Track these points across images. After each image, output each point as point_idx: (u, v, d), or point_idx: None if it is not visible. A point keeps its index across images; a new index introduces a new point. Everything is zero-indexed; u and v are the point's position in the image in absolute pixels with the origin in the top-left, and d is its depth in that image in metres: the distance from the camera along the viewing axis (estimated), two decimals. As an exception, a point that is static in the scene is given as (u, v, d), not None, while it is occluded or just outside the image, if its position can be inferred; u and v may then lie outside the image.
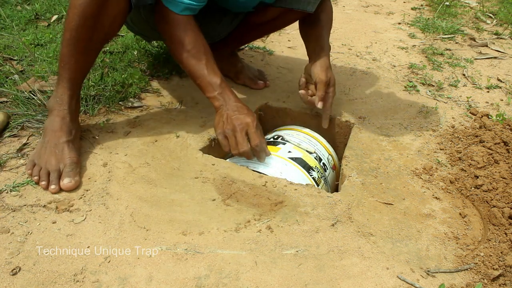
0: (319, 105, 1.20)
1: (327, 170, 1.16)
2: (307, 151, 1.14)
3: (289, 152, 1.12)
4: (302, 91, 1.24)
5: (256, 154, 1.05)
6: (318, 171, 1.11)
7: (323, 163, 1.16)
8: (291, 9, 1.28)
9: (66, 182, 0.95)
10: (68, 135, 1.01)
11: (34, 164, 0.98)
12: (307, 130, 1.24)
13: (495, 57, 1.84)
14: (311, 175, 1.08)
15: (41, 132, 1.12)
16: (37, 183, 0.96)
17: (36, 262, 0.79)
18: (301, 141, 1.18)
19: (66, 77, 1.01)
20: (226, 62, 1.49)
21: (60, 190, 0.95)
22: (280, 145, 1.14)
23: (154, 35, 1.35)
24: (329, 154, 1.21)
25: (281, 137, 1.19)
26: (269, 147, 1.13)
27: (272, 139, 1.19)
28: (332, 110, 1.29)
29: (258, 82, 1.48)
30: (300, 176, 1.05)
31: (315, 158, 1.14)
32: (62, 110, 1.02)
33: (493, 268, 0.80)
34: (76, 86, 1.04)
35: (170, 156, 1.09)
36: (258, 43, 1.89)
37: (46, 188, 0.95)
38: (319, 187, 1.08)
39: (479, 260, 0.82)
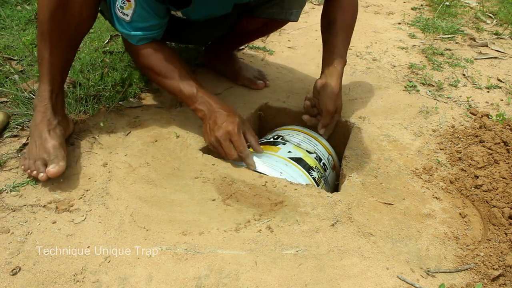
0: (322, 131, 1.22)
1: (327, 170, 1.16)
2: (307, 151, 1.14)
3: (289, 152, 1.12)
4: (306, 117, 1.25)
5: (243, 160, 1.04)
6: (318, 171, 1.11)
7: (323, 163, 1.16)
8: (274, 19, 1.28)
9: (50, 168, 0.95)
10: (49, 125, 1.02)
11: (25, 159, 1.00)
12: (307, 130, 1.25)
13: (495, 57, 1.84)
14: (311, 175, 1.08)
15: (41, 132, 1.12)
16: (30, 175, 0.97)
17: (36, 262, 0.79)
18: (301, 141, 1.18)
19: (44, 73, 1.02)
20: (225, 63, 1.49)
21: (49, 178, 0.95)
22: (280, 145, 1.14)
23: None
24: (329, 154, 1.21)
25: (281, 137, 1.19)
26: (269, 147, 1.12)
27: (272, 139, 1.19)
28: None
29: (257, 82, 1.48)
30: (300, 176, 1.05)
31: (315, 158, 1.14)
32: (43, 106, 1.03)
33: (493, 268, 0.80)
34: (55, 81, 1.04)
35: (170, 156, 1.09)
36: (258, 43, 1.89)
37: (36, 177, 0.95)
38: (319, 187, 1.08)
39: (479, 260, 0.82)
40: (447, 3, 2.51)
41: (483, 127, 1.22)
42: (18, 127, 1.14)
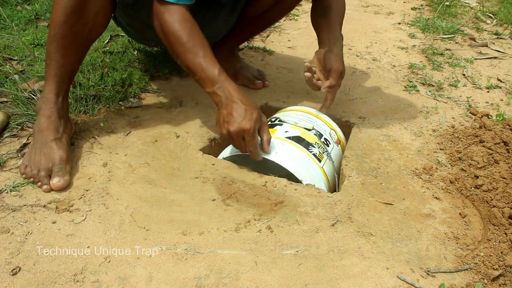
0: (325, 90, 1.17)
1: (329, 145, 1.12)
2: (305, 128, 1.11)
3: (286, 131, 1.09)
4: (308, 74, 1.18)
5: (250, 155, 1.01)
6: (319, 147, 1.08)
7: (325, 139, 1.12)
8: None
9: (55, 181, 0.94)
10: (55, 133, 1.00)
11: (26, 166, 0.98)
12: (306, 108, 1.22)
13: (495, 57, 1.84)
14: (310, 152, 1.05)
15: (41, 132, 1.12)
16: (32, 182, 0.96)
17: (36, 262, 0.79)
18: (299, 120, 1.15)
19: (52, 75, 1.01)
20: (225, 62, 1.49)
21: (51, 189, 0.94)
22: (277, 127, 1.12)
23: (153, 37, 1.35)
24: (331, 129, 1.18)
25: (278, 119, 1.17)
26: None
27: (269, 122, 1.16)
28: (332, 109, 1.28)
29: (256, 82, 1.48)
30: (298, 154, 1.03)
31: (314, 134, 1.11)
32: (48, 109, 1.02)
33: (493, 268, 0.80)
34: (62, 84, 1.03)
35: (170, 156, 1.09)
36: (258, 43, 1.89)
37: (40, 187, 0.95)
38: (322, 163, 1.05)
39: (479, 260, 0.82)
40: (447, 3, 2.51)
41: (483, 127, 1.22)
42: (18, 127, 1.14)
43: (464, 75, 1.65)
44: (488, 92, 1.53)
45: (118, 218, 0.89)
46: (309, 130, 1.12)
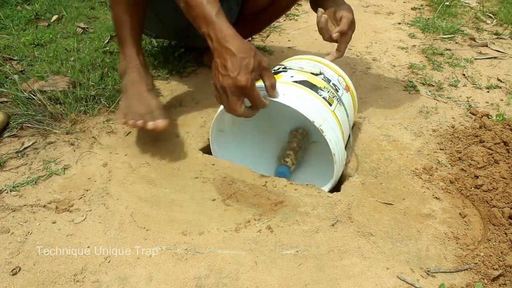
0: (336, 36, 1.10)
1: (339, 91, 1.06)
2: (311, 73, 1.04)
3: (292, 76, 1.02)
4: (324, 16, 1.11)
5: (255, 108, 0.91)
6: (329, 91, 1.01)
7: (333, 84, 1.05)
8: None
9: (159, 122, 1.03)
10: (148, 85, 1.12)
11: (125, 115, 1.06)
12: (311, 56, 1.14)
13: (495, 57, 1.84)
14: (320, 95, 0.98)
15: (41, 132, 1.12)
16: (133, 125, 1.03)
17: (36, 262, 0.79)
18: (304, 65, 1.08)
19: (127, 36, 1.10)
20: None
21: (156, 128, 1.03)
22: (282, 73, 1.05)
23: (154, 27, 1.34)
24: (339, 76, 1.10)
25: (283, 67, 1.11)
26: None
27: (273, 70, 1.10)
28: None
29: None
30: (307, 97, 0.95)
31: (322, 79, 1.03)
32: (135, 66, 1.12)
33: (493, 268, 0.80)
34: (138, 41, 1.14)
35: (170, 156, 1.09)
36: (258, 43, 1.89)
37: (144, 125, 1.02)
38: (332, 107, 0.99)
39: (479, 260, 0.82)
40: (447, 3, 2.51)
41: (483, 127, 1.22)
42: (18, 127, 1.14)
43: (464, 75, 1.65)
44: (488, 92, 1.53)
45: (118, 218, 0.89)
46: (316, 75, 1.04)
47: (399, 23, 2.22)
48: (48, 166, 1.02)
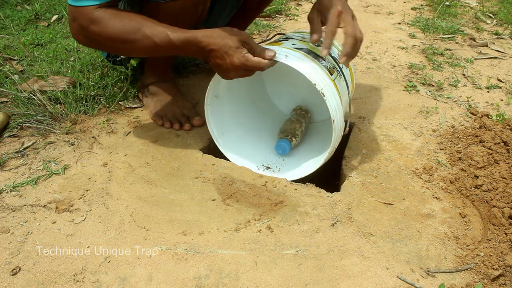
0: (324, 52, 0.94)
1: (339, 64, 1.05)
2: (313, 44, 1.02)
3: (293, 44, 1.01)
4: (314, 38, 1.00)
5: (259, 69, 0.92)
6: (330, 62, 1.00)
7: (333, 57, 1.05)
8: None
9: (197, 119, 1.20)
10: (178, 89, 1.28)
11: (161, 117, 1.20)
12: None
13: (495, 57, 1.84)
14: (321, 63, 0.97)
15: (41, 132, 1.12)
16: (169, 128, 1.19)
17: (36, 262, 0.79)
18: (306, 36, 1.05)
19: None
20: None
21: (192, 127, 1.19)
22: (283, 41, 1.04)
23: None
24: (339, 51, 1.03)
25: (284, 37, 1.09)
26: (271, 44, 1.03)
27: (274, 40, 1.10)
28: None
29: None
30: (308, 64, 0.94)
31: None
32: (164, 74, 1.28)
33: (493, 268, 0.80)
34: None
35: (170, 156, 1.09)
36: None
37: (179, 128, 1.18)
38: (333, 76, 0.98)
39: (479, 260, 0.82)
40: (447, 3, 2.51)
41: (483, 127, 1.22)
42: (18, 127, 1.14)
43: (464, 75, 1.65)
44: (488, 92, 1.53)
45: (118, 218, 0.89)
46: (317, 45, 1.02)
47: (399, 23, 2.22)
48: (48, 166, 1.02)
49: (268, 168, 1.12)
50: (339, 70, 1.03)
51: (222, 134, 1.14)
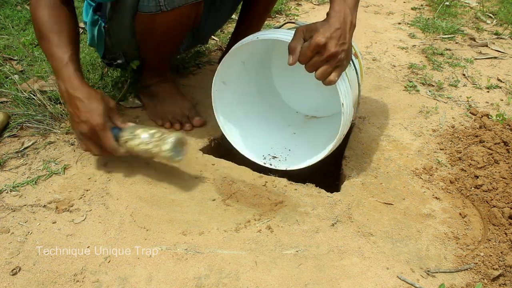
0: (290, 61, 0.84)
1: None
2: None
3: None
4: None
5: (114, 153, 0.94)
6: None
7: None
8: None
9: (197, 119, 1.18)
10: (178, 89, 1.26)
11: (160, 117, 1.19)
12: None
13: (495, 57, 1.84)
14: None
15: (41, 132, 1.12)
16: (169, 128, 1.18)
17: (36, 262, 0.79)
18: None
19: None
20: None
21: (193, 127, 1.19)
22: (293, 30, 0.95)
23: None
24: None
25: (293, 26, 1.02)
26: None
27: (282, 29, 1.01)
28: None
29: None
30: None
31: None
32: (163, 74, 1.25)
33: (493, 268, 0.80)
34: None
35: (170, 156, 1.09)
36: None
37: (180, 129, 1.17)
38: None
39: (479, 260, 0.82)
40: (447, 3, 2.51)
41: (483, 127, 1.22)
42: (18, 127, 1.14)
43: (464, 75, 1.65)
44: (488, 92, 1.53)
45: (118, 218, 0.89)
46: None
47: (399, 23, 2.22)
48: (48, 166, 1.02)
49: (274, 157, 1.12)
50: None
51: (228, 122, 1.12)
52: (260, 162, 1.08)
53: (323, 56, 0.82)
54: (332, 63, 0.84)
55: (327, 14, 0.86)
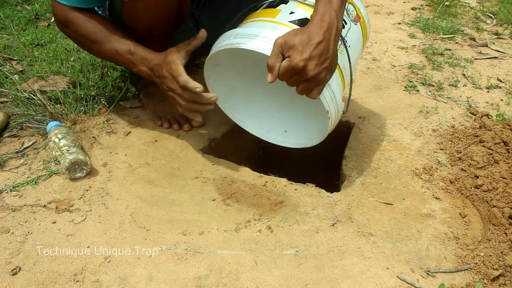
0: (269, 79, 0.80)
1: (345, 26, 0.93)
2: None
3: (291, 13, 0.89)
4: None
5: (190, 116, 1.03)
6: None
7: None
8: None
9: (196, 120, 1.09)
10: None
11: (159, 118, 1.19)
12: None
13: (495, 57, 1.84)
14: None
15: (41, 132, 1.12)
16: (168, 128, 1.18)
17: (36, 262, 0.79)
18: None
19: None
20: None
21: (192, 128, 1.18)
22: (281, 6, 0.92)
23: None
24: (350, 3, 0.96)
25: None
26: (268, 12, 0.93)
27: (270, 2, 0.98)
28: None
29: None
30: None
31: None
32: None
33: (493, 268, 0.80)
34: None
35: (170, 156, 1.09)
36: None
37: (178, 129, 1.18)
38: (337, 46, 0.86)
39: (479, 260, 0.82)
40: (447, 3, 2.51)
41: (483, 127, 1.22)
42: (18, 127, 1.14)
43: (464, 75, 1.65)
44: (488, 92, 1.53)
45: (118, 218, 0.89)
46: None
47: (399, 23, 2.22)
48: (48, 166, 1.02)
49: (272, 129, 1.10)
50: (342, 38, 0.91)
51: (228, 97, 1.10)
52: (256, 133, 1.09)
53: (302, 78, 0.79)
54: (313, 83, 0.80)
55: (311, 17, 0.81)
